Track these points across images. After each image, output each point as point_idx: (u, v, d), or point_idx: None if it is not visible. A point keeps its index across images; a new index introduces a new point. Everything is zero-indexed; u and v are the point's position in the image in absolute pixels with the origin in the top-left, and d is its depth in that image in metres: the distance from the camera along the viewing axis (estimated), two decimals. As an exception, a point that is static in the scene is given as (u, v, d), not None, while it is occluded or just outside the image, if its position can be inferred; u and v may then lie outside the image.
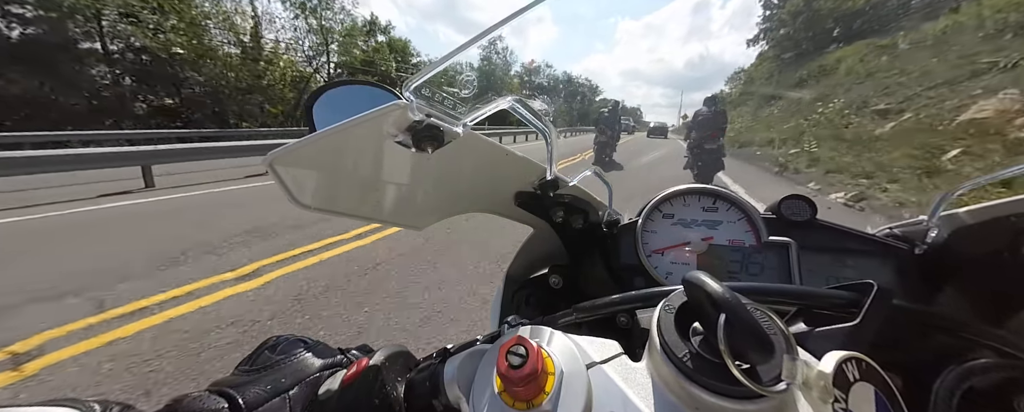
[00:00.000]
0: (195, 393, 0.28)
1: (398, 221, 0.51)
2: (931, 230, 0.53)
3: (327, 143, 0.35)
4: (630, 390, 0.24)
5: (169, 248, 3.36)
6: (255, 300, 2.50)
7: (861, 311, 0.29)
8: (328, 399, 0.30)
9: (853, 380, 0.23)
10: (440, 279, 2.88)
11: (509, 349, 0.25)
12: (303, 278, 2.84)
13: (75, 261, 3.09)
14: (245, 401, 0.28)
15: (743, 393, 0.21)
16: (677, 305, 0.26)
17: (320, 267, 3.06)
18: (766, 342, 0.22)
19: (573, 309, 0.37)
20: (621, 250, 0.65)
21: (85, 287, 2.60)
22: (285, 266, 3.05)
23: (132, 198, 5.63)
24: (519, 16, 0.30)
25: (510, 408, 0.24)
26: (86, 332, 2.10)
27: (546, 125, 0.43)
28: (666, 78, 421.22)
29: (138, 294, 2.52)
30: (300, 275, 2.90)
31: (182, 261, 3.10)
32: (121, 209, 4.99)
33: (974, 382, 0.33)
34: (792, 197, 0.62)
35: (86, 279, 2.72)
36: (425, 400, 0.30)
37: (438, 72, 0.31)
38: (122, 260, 3.09)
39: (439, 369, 0.31)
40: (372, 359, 0.31)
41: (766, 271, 0.60)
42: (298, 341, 0.35)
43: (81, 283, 2.65)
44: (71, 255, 3.24)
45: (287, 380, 0.31)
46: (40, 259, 3.15)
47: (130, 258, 3.12)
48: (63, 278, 2.72)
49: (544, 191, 0.56)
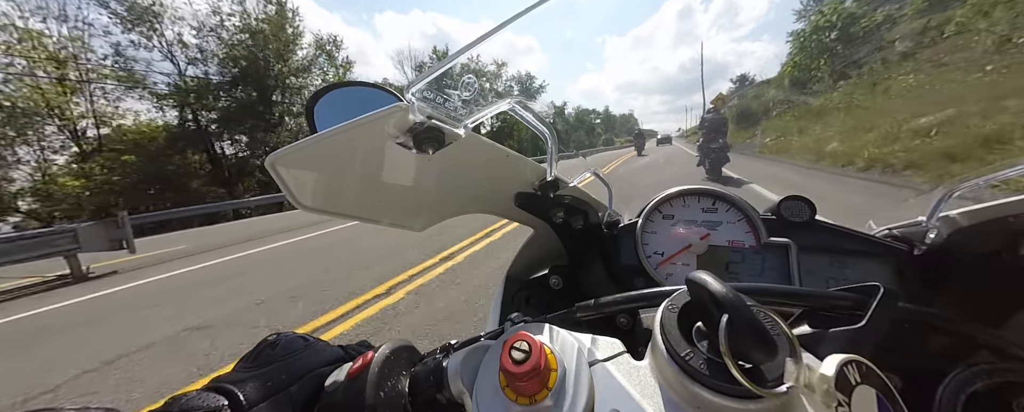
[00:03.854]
0: (195, 391, 0.28)
1: (398, 222, 0.51)
2: (930, 231, 0.53)
3: (329, 144, 0.35)
4: (632, 388, 0.24)
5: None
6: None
7: (866, 314, 0.29)
8: (335, 390, 0.30)
9: (855, 383, 0.23)
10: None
11: (512, 345, 0.25)
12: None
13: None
14: (246, 397, 0.28)
15: (745, 393, 0.21)
16: (680, 305, 0.26)
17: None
18: (769, 343, 0.22)
19: (576, 307, 0.37)
20: (621, 251, 0.65)
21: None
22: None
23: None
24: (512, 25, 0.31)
25: (513, 403, 0.24)
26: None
27: (547, 127, 0.43)
28: (662, 85, 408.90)
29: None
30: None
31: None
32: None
33: (978, 386, 0.33)
34: (792, 198, 0.62)
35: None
36: (429, 393, 0.30)
37: (439, 75, 0.31)
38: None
39: (443, 364, 0.31)
40: (377, 353, 0.31)
41: (766, 272, 0.60)
42: (299, 338, 0.35)
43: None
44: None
45: (288, 376, 0.31)
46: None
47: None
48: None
49: (544, 192, 0.56)
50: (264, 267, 5.10)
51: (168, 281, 4.99)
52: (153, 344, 2.88)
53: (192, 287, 4.51)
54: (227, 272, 5.05)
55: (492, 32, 0.31)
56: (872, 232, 0.60)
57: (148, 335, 3.05)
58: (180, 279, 5.02)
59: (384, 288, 3.44)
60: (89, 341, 3.15)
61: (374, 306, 3.08)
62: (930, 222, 0.54)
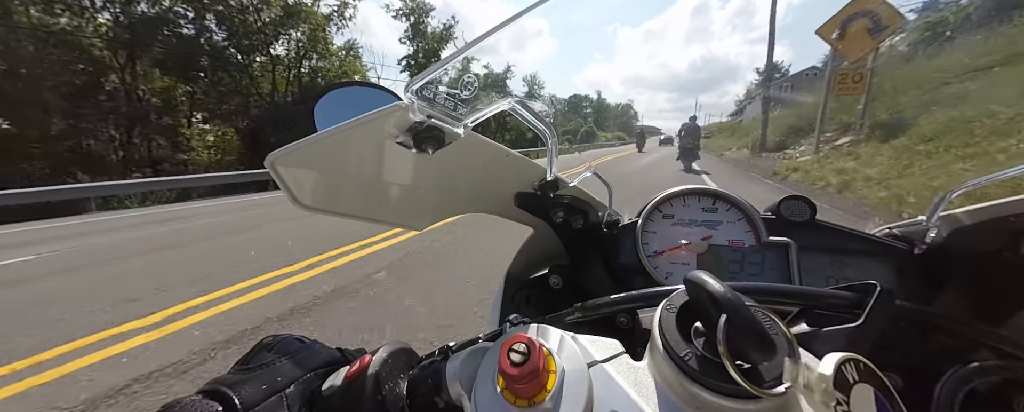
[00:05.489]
0: (188, 398, 0.27)
1: (398, 221, 0.51)
2: (930, 230, 0.53)
3: (329, 143, 0.35)
4: (631, 389, 0.24)
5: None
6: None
7: (864, 312, 0.29)
8: (332, 395, 0.30)
9: (853, 382, 0.23)
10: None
11: (511, 347, 0.25)
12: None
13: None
14: (241, 400, 0.27)
15: (744, 393, 0.21)
16: (679, 305, 0.26)
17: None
18: (767, 343, 0.22)
19: (575, 308, 0.37)
20: (621, 250, 0.66)
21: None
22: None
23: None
24: (517, 21, 0.31)
25: (512, 406, 0.24)
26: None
27: (547, 126, 0.43)
28: (670, 82, 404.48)
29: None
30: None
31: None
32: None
33: (976, 384, 0.33)
34: (792, 197, 0.62)
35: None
36: (428, 397, 0.30)
37: (439, 73, 0.31)
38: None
39: (441, 366, 0.31)
40: (375, 356, 0.31)
41: (766, 271, 0.60)
42: (295, 340, 0.35)
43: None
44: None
45: (284, 379, 0.30)
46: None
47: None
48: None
49: (544, 191, 0.56)
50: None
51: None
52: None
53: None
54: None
55: (493, 32, 0.31)
56: (872, 231, 0.60)
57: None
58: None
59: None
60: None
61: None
62: (930, 221, 0.54)
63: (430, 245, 4.06)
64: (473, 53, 0.31)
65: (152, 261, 4.13)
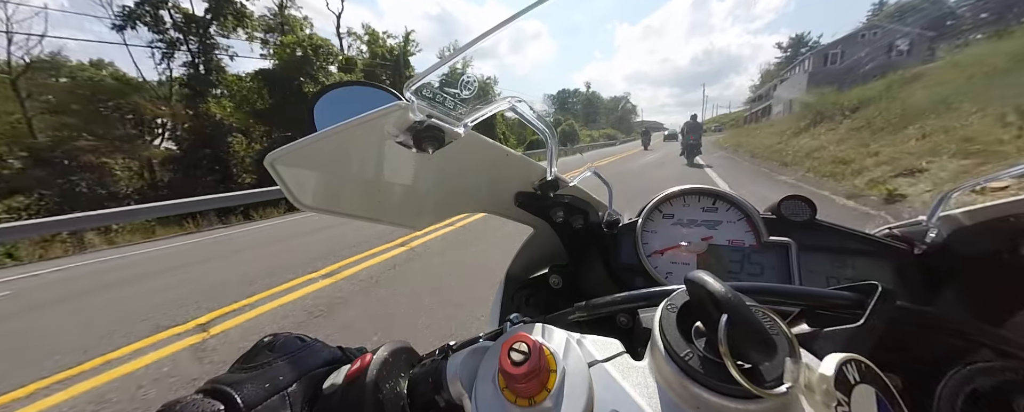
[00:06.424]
0: (188, 398, 0.27)
1: (398, 221, 0.51)
2: (930, 230, 0.53)
3: (328, 143, 0.35)
4: (631, 389, 0.24)
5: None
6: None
7: (865, 312, 0.29)
8: (333, 393, 0.30)
9: (854, 382, 0.23)
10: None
11: (512, 346, 0.25)
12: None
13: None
14: (243, 399, 0.27)
15: (744, 393, 0.21)
16: (679, 304, 0.26)
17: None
18: (768, 343, 0.22)
19: (575, 307, 0.37)
20: (621, 250, 0.65)
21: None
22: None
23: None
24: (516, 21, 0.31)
25: (512, 405, 0.24)
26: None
27: (547, 126, 0.43)
28: (672, 77, 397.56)
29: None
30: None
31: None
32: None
33: (977, 385, 0.32)
34: (792, 197, 0.62)
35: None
36: (428, 395, 0.30)
37: (439, 73, 0.31)
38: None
39: (442, 365, 0.31)
40: (376, 354, 0.31)
41: (766, 271, 0.60)
42: (296, 339, 0.35)
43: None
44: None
45: (285, 377, 0.30)
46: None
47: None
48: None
49: (544, 191, 0.56)
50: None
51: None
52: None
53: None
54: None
55: (492, 32, 0.31)
56: (872, 232, 0.60)
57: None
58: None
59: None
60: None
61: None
62: (930, 221, 0.54)
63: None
64: (472, 54, 0.31)
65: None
